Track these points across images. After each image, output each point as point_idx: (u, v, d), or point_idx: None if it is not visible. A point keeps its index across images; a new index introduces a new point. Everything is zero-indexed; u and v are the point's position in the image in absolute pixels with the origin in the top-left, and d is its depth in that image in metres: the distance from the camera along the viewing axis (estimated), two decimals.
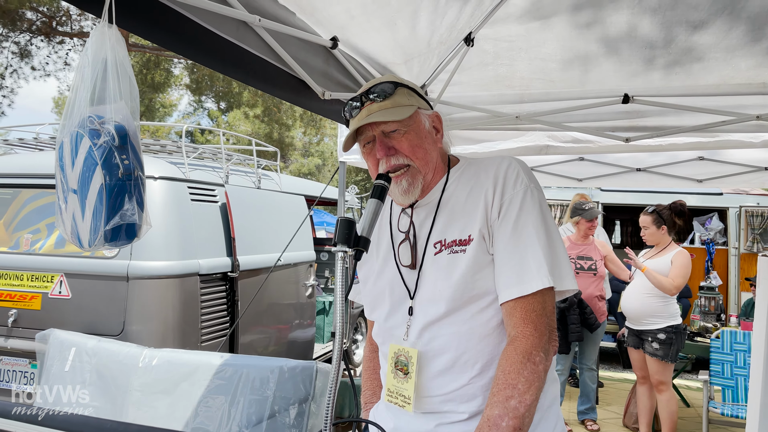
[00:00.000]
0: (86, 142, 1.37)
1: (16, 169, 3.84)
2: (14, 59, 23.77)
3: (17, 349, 3.46)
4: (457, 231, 1.34)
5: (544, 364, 1.20)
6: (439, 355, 1.33)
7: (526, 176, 1.34)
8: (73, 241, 1.46)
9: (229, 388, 2.66)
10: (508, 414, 1.15)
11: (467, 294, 1.30)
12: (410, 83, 1.45)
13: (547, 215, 1.32)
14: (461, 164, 1.45)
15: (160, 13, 1.66)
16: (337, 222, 1.22)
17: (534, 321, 1.22)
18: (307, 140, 32.99)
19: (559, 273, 1.27)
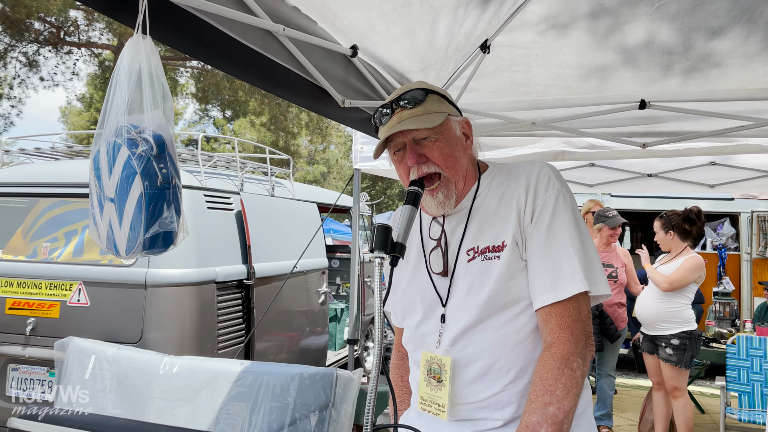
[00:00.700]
0: (124, 151, 1.39)
1: (33, 179, 3.87)
2: (22, 69, 23.95)
3: (35, 358, 3.48)
4: (490, 238, 1.34)
5: (582, 370, 1.20)
6: (472, 363, 1.33)
7: (557, 181, 1.34)
8: (109, 248, 1.48)
9: (250, 395, 2.66)
10: (547, 420, 1.14)
11: (501, 300, 1.30)
12: (440, 90, 1.45)
13: (579, 220, 1.32)
14: (491, 170, 1.45)
15: (191, 24, 1.68)
16: (373, 228, 1.23)
17: (570, 326, 1.22)
18: (312, 148, 33.09)
19: (594, 278, 1.27)
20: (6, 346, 3.53)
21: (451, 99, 1.46)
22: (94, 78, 25.73)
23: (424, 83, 1.45)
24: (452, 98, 1.48)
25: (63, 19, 20.05)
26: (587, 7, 2.53)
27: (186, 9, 1.63)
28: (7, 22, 20.85)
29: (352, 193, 4.78)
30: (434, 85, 1.46)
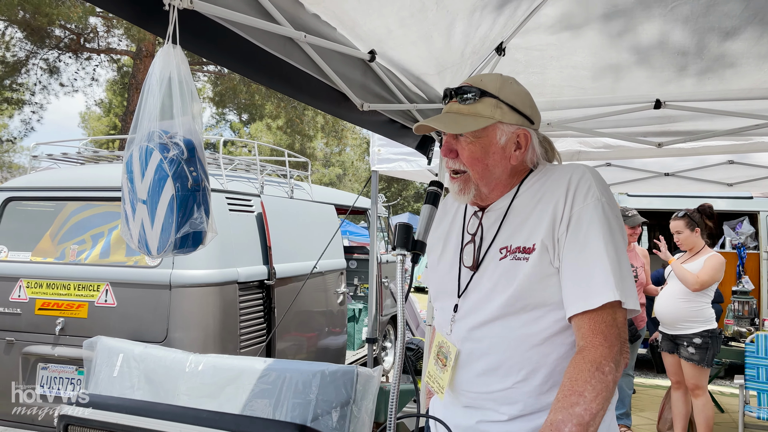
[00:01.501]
0: (156, 155, 1.46)
1: (61, 183, 3.99)
2: (43, 76, 24.37)
3: (64, 357, 3.59)
4: (522, 238, 1.34)
5: (614, 375, 1.19)
6: (485, 356, 1.37)
7: (597, 189, 1.32)
8: (141, 248, 1.55)
9: (273, 392, 2.74)
10: (572, 420, 1.14)
11: (522, 302, 1.32)
12: (509, 93, 1.41)
13: (616, 231, 1.29)
14: (537, 171, 1.44)
15: (217, 34, 1.75)
16: (395, 226, 1.29)
17: (603, 332, 1.22)
18: (328, 150, 33.26)
19: (626, 291, 1.24)
20: (36, 346, 3.64)
21: (521, 106, 1.42)
22: (113, 83, 26.11)
23: (490, 82, 1.43)
24: (524, 104, 1.43)
25: (83, 26, 20.39)
26: (601, 9, 2.57)
27: (213, 19, 1.71)
28: (28, 29, 21.24)
29: (370, 195, 4.85)
30: (504, 87, 1.42)
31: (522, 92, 1.44)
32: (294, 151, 29.67)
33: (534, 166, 1.45)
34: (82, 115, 35.33)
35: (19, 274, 3.73)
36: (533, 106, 1.46)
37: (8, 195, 4.00)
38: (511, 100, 1.40)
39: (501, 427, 1.35)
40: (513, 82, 1.45)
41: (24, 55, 23.18)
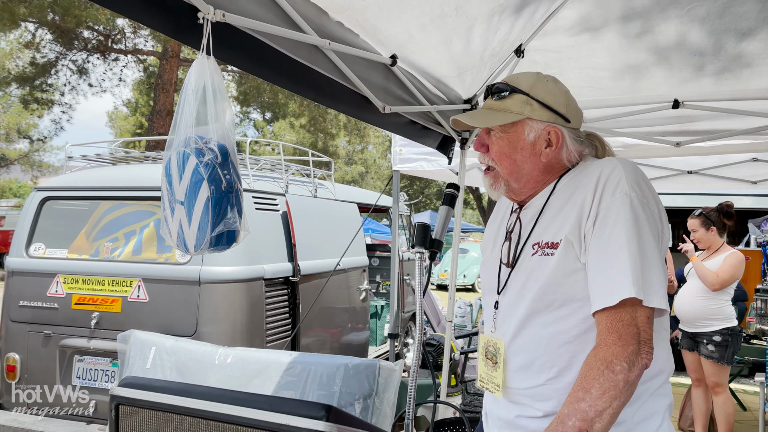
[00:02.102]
0: (192, 159, 1.57)
1: (94, 183, 4.15)
2: (72, 77, 24.90)
3: (99, 349, 3.74)
4: (551, 234, 1.36)
5: (625, 375, 1.17)
6: (520, 353, 1.40)
7: (627, 183, 1.29)
8: (179, 246, 1.66)
9: (299, 384, 2.84)
10: (576, 415, 1.17)
11: (549, 297, 1.33)
12: (541, 91, 1.43)
13: (643, 226, 1.26)
14: (576, 167, 1.44)
15: (247, 43, 1.86)
16: (414, 226, 1.38)
17: (619, 330, 1.20)
18: (351, 149, 33.42)
19: (648, 288, 1.21)
20: (72, 339, 3.80)
21: (554, 104, 1.43)
22: (140, 83, 26.57)
23: (522, 80, 1.46)
24: (558, 102, 1.44)
25: (110, 28, 20.79)
26: (619, 11, 2.62)
27: (244, 30, 1.81)
28: (58, 31, 21.72)
29: (392, 194, 4.94)
30: (537, 84, 1.44)
31: (558, 91, 1.45)
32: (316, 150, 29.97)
33: (572, 163, 1.45)
34: (110, 115, 35.98)
35: (57, 270, 3.90)
36: (570, 104, 1.46)
37: (45, 195, 4.18)
38: (542, 97, 1.42)
39: (537, 423, 1.38)
40: (550, 80, 1.47)
41: (54, 57, 23.71)
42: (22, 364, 3.92)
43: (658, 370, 1.36)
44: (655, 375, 1.36)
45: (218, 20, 1.66)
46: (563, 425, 1.18)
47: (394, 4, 2.24)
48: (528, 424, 1.40)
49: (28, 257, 4.04)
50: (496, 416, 1.51)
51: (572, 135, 1.44)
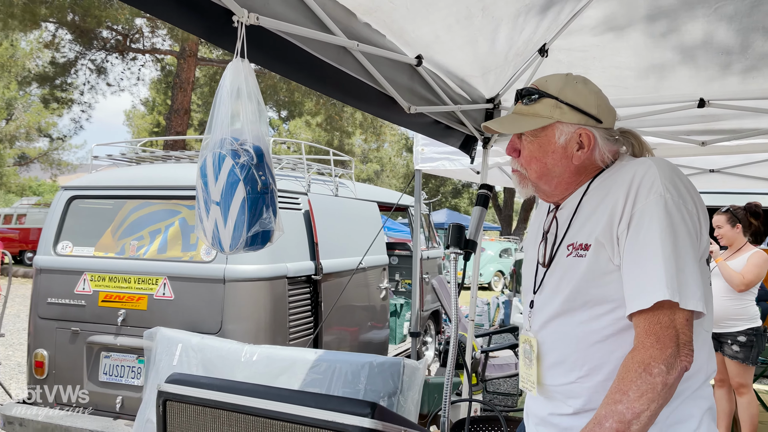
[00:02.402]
0: (228, 161, 1.60)
1: (120, 182, 4.21)
2: (91, 76, 25.20)
3: (126, 346, 3.80)
4: (584, 235, 1.36)
5: (664, 378, 1.17)
6: (552, 350, 1.42)
7: (662, 184, 1.27)
8: (214, 245, 1.70)
9: (324, 382, 2.87)
10: (613, 417, 1.17)
11: (581, 299, 1.34)
12: (571, 94, 1.43)
13: (679, 227, 1.25)
14: (611, 167, 1.44)
15: (279, 46, 1.89)
16: (449, 227, 1.40)
17: (657, 333, 1.20)
18: (366, 147, 33.49)
19: (683, 290, 1.21)
20: (99, 336, 3.86)
21: (584, 106, 1.42)
22: (157, 82, 26.83)
23: (551, 83, 1.46)
24: (588, 103, 1.43)
25: (129, 28, 21.00)
26: (645, 10, 2.62)
27: (276, 33, 1.84)
28: (77, 31, 21.97)
29: (413, 193, 4.96)
30: (567, 87, 1.44)
31: (588, 92, 1.44)
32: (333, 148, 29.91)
33: (606, 164, 1.44)
34: (127, 114, 36.36)
35: (84, 268, 3.97)
36: (601, 105, 1.45)
37: (72, 194, 4.24)
38: (572, 100, 1.41)
39: (568, 420, 1.40)
40: (580, 81, 1.46)
41: (73, 56, 23.99)
42: (50, 361, 4.00)
43: (696, 371, 1.34)
44: (693, 375, 1.34)
45: (252, 23, 1.69)
46: (601, 426, 1.19)
47: (422, 5, 2.26)
48: (559, 421, 1.42)
49: (55, 255, 4.11)
50: (533, 413, 1.54)
51: (605, 135, 1.43)
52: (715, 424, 1.41)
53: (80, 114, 27.81)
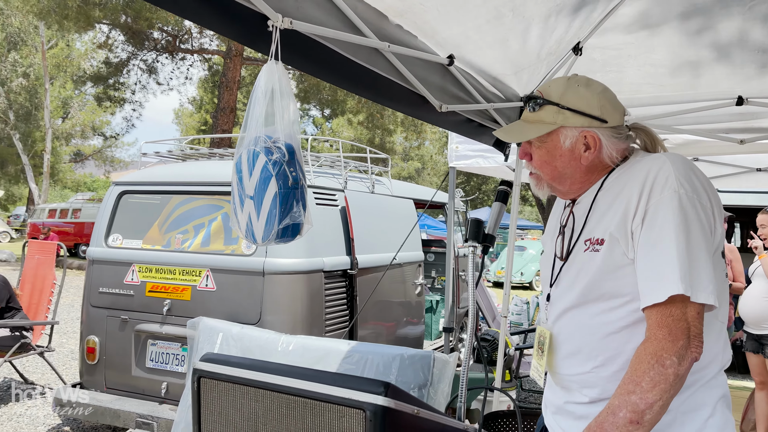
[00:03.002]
0: (262, 157, 1.70)
1: (167, 178, 4.40)
2: (143, 76, 26.03)
3: (171, 335, 3.98)
4: (600, 230, 1.39)
5: (675, 369, 1.21)
6: (567, 340, 1.47)
7: (676, 180, 1.30)
8: (248, 237, 1.80)
9: (356, 372, 2.96)
10: (627, 407, 1.21)
11: (596, 291, 1.38)
12: (572, 98, 1.45)
13: (692, 222, 1.27)
14: (626, 163, 1.46)
15: (312, 48, 1.98)
16: (468, 221, 1.46)
17: (669, 325, 1.23)
18: (407, 145, 33.54)
19: (696, 284, 1.23)
20: (146, 324, 4.06)
21: (586, 108, 1.45)
22: (205, 82, 27.53)
23: (553, 90, 1.49)
24: (590, 105, 1.45)
25: (179, 29, 21.60)
26: (679, 8, 2.61)
27: (310, 36, 1.93)
28: (129, 32, 22.71)
29: (448, 190, 5.01)
30: (568, 92, 1.47)
31: (590, 94, 1.46)
32: (374, 146, 30.17)
33: (615, 162, 1.46)
34: (176, 112, 37.38)
35: (132, 260, 4.17)
36: (605, 105, 1.46)
37: (122, 189, 4.46)
38: (574, 104, 1.44)
39: (583, 409, 1.44)
40: (582, 84, 1.48)
41: (125, 57, 24.81)
42: (101, 347, 4.22)
43: (709, 361, 1.38)
44: (707, 365, 1.37)
45: (286, 27, 1.79)
46: (614, 416, 1.23)
47: (452, 6, 2.32)
48: (575, 409, 1.47)
49: (107, 247, 4.33)
50: (550, 402, 1.59)
51: (611, 134, 1.45)
52: (729, 411, 1.44)
53: (131, 112, 28.71)
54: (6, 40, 27.20)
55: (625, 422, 1.21)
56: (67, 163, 37.03)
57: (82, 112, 31.84)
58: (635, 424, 1.21)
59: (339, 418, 1.08)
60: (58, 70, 28.53)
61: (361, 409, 1.05)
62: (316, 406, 1.10)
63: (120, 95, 25.56)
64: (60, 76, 29.08)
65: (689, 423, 1.36)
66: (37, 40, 26.87)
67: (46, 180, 27.14)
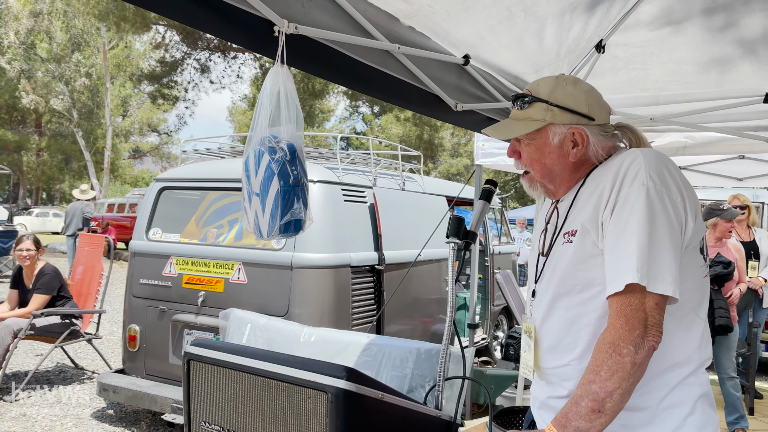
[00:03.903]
0: (266, 157, 1.80)
1: (204, 175, 4.59)
2: (196, 74, 26.81)
3: (205, 325, 4.16)
4: (576, 223, 1.43)
5: (632, 357, 1.23)
6: (548, 334, 1.51)
7: (646, 173, 1.32)
8: (255, 232, 1.91)
9: (374, 364, 3.05)
10: (588, 396, 1.25)
11: (569, 282, 1.41)
12: (561, 96, 1.48)
13: (658, 215, 1.29)
14: (607, 161, 1.48)
15: (320, 52, 2.06)
16: (450, 219, 1.51)
17: (627, 314, 1.26)
18: (455, 141, 33.37)
19: (651, 274, 1.25)
20: (183, 314, 4.25)
21: (573, 104, 1.48)
22: (256, 80, 28.14)
23: (540, 87, 1.52)
24: (576, 102, 1.48)
25: None
26: (701, 4, 2.57)
27: (319, 40, 2.02)
28: (183, 33, 23.41)
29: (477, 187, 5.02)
30: (556, 90, 1.49)
31: (578, 92, 1.50)
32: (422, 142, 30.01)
33: (599, 159, 1.49)
34: (229, 110, 38.30)
35: (171, 253, 4.38)
36: (592, 103, 1.49)
37: (162, 185, 4.68)
38: (562, 101, 1.47)
39: (562, 403, 1.43)
40: (570, 83, 1.52)
41: (180, 56, 25.60)
42: (141, 335, 4.44)
43: (685, 358, 1.39)
44: (684, 362, 1.39)
45: (291, 32, 1.88)
46: (577, 406, 1.27)
47: (461, 8, 2.36)
48: (556, 404, 1.49)
49: (147, 240, 4.56)
50: (536, 396, 1.63)
51: (598, 131, 1.48)
52: (713, 410, 1.43)
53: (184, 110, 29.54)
54: (70, 41, 28.52)
55: (587, 411, 1.25)
56: (126, 160, 38.53)
57: (140, 110, 33.04)
58: (597, 413, 1.24)
59: (305, 400, 1.16)
60: (118, 70, 29.70)
61: (324, 391, 1.13)
62: (286, 388, 1.19)
63: (173, 93, 26.42)
64: (120, 75, 30.26)
65: (668, 420, 1.37)
66: (99, 41, 28.04)
67: (106, 176, 28.33)
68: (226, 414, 1.30)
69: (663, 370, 1.38)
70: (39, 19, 26.65)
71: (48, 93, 28.47)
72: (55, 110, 29.41)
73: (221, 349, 1.30)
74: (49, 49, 28.51)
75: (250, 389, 1.24)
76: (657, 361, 1.35)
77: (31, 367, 5.39)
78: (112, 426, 4.51)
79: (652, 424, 1.37)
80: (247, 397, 1.24)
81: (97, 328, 5.70)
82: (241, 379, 1.25)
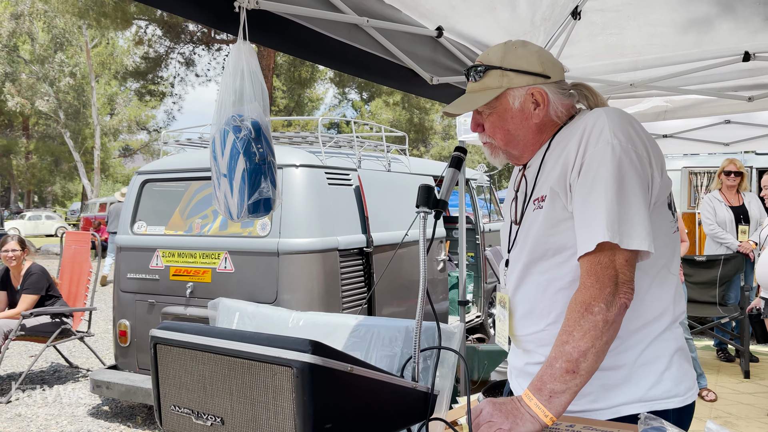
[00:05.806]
0: (231, 136, 1.76)
1: (186, 165, 4.53)
2: (181, 69, 26.55)
3: (194, 316, 4.13)
4: (545, 188, 1.41)
5: (604, 315, 1.22)
6: (522, 301, 1.49)
7: (610, 131, 1.30)
8: (225, 214, 1.87)
9: (363, 345, 3.02)
10: (562, 357, 1.23)
11: (541, 247, 1.40)
12: (512, 59, 1.45)
13: (626, 172, 1.27)
14: (570, 122, 1.46)
15: (283, 27, 2.01)
16: (419, 188, 1.47)
17: (597, 273, 1.25)
18: (446, 123, 33.25)
19: (622, 231, 1.24)
20: (172, 306, 4.22)
21: (527, 66, 1.45)
22: None
23: (490, 55, 1.49)
24: (530, 63, 1.45)
25: None
26: None
27: (284, 16, 1.97)
28: (166, 26, 23.16)
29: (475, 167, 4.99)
30: (507, 54, 1.46)
31: (529, 53, 1.47)
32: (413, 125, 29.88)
33: (562, 119, 1.47)
34: None
35: (156, 246, 4.33)
36: (545, 62, 1.47)
37: (144, 177, 4.62)
38: (515, 65, 1.45)
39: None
40: (519, 46, 1.49)
41: (163, 51, 25.33)
42: (132, 330, 4.41)
43: (660, 312, 1.38)
44: (658, 317, 1.38)
45: (252, 8, 1.83)
46: (551, 368, 1.25)
47: None
48: (534, 370, 1.46)
49: (132, 234, 4.51)
50: (513, 366, 1.61)
51: (556, 89, 1.46)
52: (689, 364, 1.43)
53: (172, 105, 29.30)
54: (52, 41, 28.21)
55: (561, 372, 1.23)
56: (116, 158, 38.30)
57: (128, 107, 32.79)
58: (572, 374, 1.22)
59: (271, 376, 1.13)
60: (102, 68, 29.41)
61: (289, 366, 1.10)
62: (252, 366, 1.15)
63: (159, 89, 26.19)
64: (105, 73, 29.98)
65: (645, 377, 1.36)
66: (81, 40, 27.75)
67: (97, 175, 28.15)
68: (195, 396, 1.26)
69: (638, 327, 1.37)
70: (20, 21, 26.34)
71: (33, 95, 28.21)
72: (41, 112, 29.16)
73: (187, 331, 1.26)
74: (32, 50, 28.22)
75: (217, 369, 1.21)
76: (632, 319, 1.33)
77: (25, 368, 5.36)
78: (107, 422, 4.50)
79: (629, 382, 1.36)
80: (215, 377, 1.21)
81: (88, 326, 5.67)
82: (207, 360, 1.22)
